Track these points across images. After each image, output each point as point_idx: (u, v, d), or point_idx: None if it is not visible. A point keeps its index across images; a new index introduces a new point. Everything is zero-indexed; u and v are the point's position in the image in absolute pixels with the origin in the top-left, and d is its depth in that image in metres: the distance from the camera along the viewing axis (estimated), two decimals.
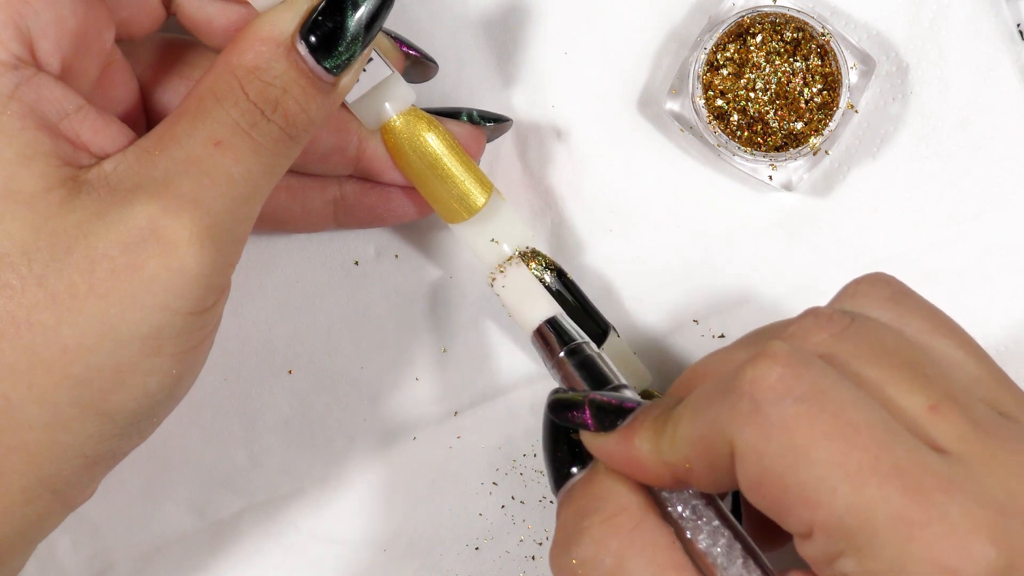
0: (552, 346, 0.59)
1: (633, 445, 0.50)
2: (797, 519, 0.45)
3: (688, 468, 0.48)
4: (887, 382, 0.47)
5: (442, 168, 0.61)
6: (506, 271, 0.61)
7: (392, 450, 0.66)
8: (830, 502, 0.44)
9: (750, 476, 0.46)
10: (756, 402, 0.45)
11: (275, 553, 0.66)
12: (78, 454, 0.51)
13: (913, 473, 0.44)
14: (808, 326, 0.49)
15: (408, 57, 0.61)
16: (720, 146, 0.63)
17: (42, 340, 0.49)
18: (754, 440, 0.45)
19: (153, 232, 0.49)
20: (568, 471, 0.53)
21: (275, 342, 0.66)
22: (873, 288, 0.51)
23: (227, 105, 0.52)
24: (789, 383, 0.45)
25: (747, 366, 0.46)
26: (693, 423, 0.48)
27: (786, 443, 0.45)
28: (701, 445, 0.48)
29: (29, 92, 0.50)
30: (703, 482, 0.49)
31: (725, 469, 0.47)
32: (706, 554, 0.49)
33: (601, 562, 0.49)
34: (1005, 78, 0.65)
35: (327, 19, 0.53)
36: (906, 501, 0.44)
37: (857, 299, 0.51)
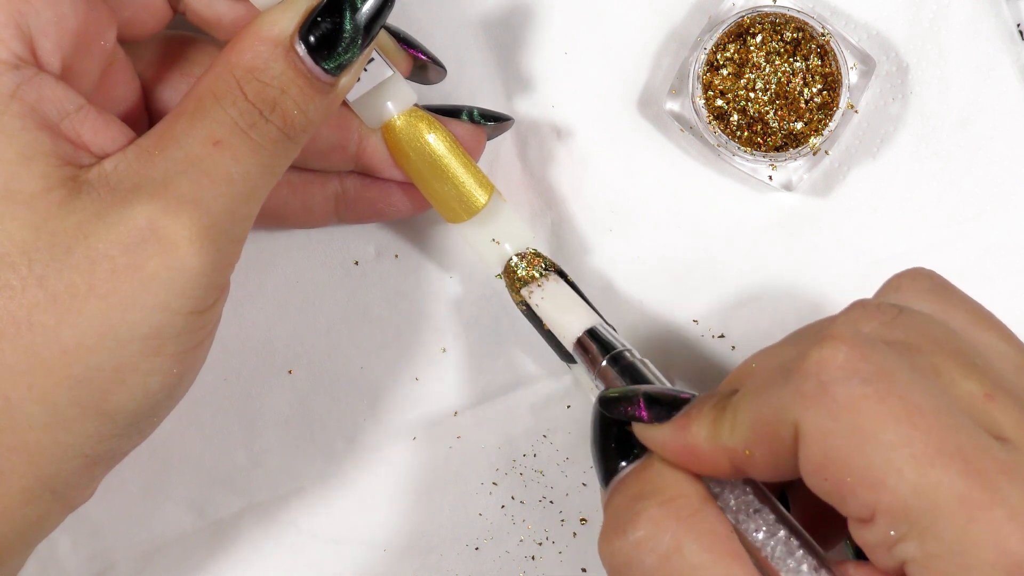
0: (594, 355, 0.59)
1: (690, 432, 0.50)
2: (860, 502, 0.45)
3: (748, 454, 0.48)
4: (941, 369, 0.47)
5: (443, 168, 0.61)
6: (544, 285, 0.61)
7: (392, 450, 0.66)
8: (895, 484, 0.44)
9: (814, 458, 0.46)
10: (823, 383, 0.45)
11: (275, 553, 0.66)
12: (78, 454, 0.51)
13: (976, 457, 0.44)
14: (857, 316, 0.49)
15: (416, 61, 0.61)
16: (720, 146, 0.63)
17: (42, 340, 0.49)
18: (820, 421, 0.45)
19: (153, 232, 0.49)
20: (618, 464, 0.53)
21: (275, 342, 0.66)
22: (915, 282, 0.51)
23: (226, 105, 0.52)
24: (856, 364, 0.45)
25: (813, 348, 0.46)
26: (755, 407, 0.48)
27: (853, 424, 0.45)
28: (763, 428, 0.47)
29: (30, 92, 0.50)
30: (762, 468, 0.48)
31: (786, 453, 0.47)
32: (761, 547, 0.49)
33: (659, 543, 0.48)
34: (1005, 78, 0.65)
35: (326, 20, 0.53)
36: (969, 484, 0.44)
37: (901, 293, 0.51)
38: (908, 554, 0.45)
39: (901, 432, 0.44)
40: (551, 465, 0.66)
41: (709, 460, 0.50)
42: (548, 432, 0.66)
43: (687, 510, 0.49)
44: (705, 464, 0.50)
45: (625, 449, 0.53)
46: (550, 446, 0.66)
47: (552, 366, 0.66)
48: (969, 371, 0.47)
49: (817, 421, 0.45)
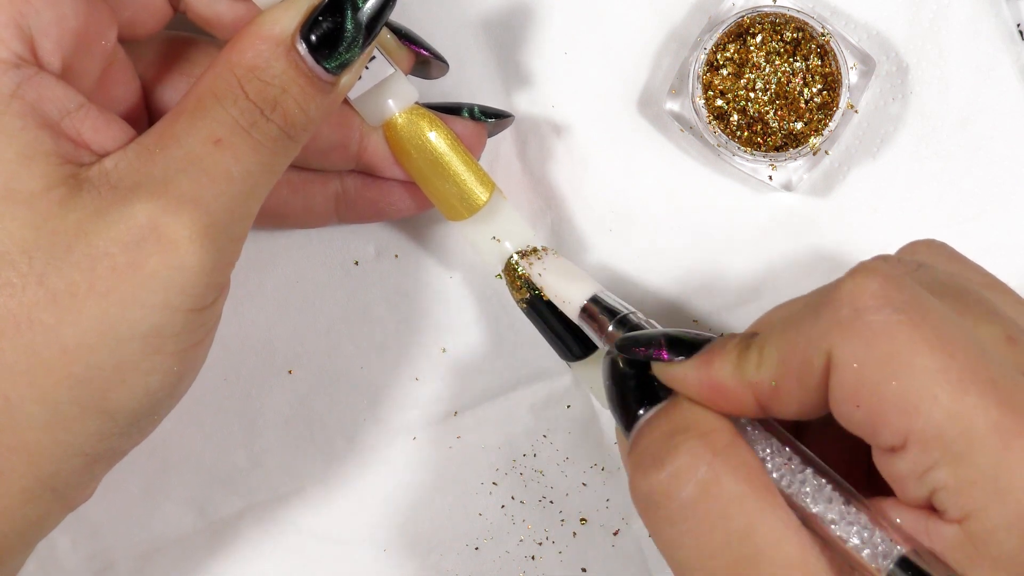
0: (601, 321, 0.59)
1: (714, 367, 0.50)
2: (892, 430, 0.45)
3: (775, 387, 0.48)
4: (965, 312, 0.47)
5: (444, 166, 0.61)
6: (544, 258, 0.61)
7: (392, 450, 0.66)
8: (930, 409, 0.44)
9: (846, 386, 0.46)
10: (857, 310, 0.46)
11: (275, 553, 0.66)
12: (78, 453, 0.51)
13: (1008, 388, 0.44)
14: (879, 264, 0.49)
15: (418, 57, 0.61)
16: (720, 146, 0.63)
17: (42, 339, 0.49)
18: (854, 347, 0.46)
19: (153, 230, 0.49)
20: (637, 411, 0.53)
21: (275, 342, 0.66)
22: (930, 248, 0.52)
23: (226, 104, 0.52)
24: (890, 293, 0.46)
25: (846, 279, 0.47)
26: (784, 339, 0.48)
27: (887, 350, 0.45)
28: (793, 359, 0.48)
29: (30, 91, 0.50)
30: (788, 402, 0.48)
31: (815, 385, 0.47)
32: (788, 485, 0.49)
33: (695, 473, 0.48)
34: (1005, 78, 0.65)
35: (327, 19, 0.53)
36: (1003, 412, 0.44)
37: (918, 256, 0.52)
38: (940, 481, 0.45)
39: (936, 359, 0.45)
40: (551, 465, 0.66)
41: (733, 396, 0.50)
42: (548, 432, 0.66)
43: (722, 443, 0.49)
44: (729, 400, 0.50)
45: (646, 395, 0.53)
46: (550, 446, 0.66)
47: (552, 366, 0.66)
48: (991, 316, 0.47)
49: (851, 348, 0.46)
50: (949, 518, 0.45)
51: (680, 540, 0.48)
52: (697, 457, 0.49)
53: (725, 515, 0.48)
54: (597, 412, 0.66)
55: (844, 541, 0.48)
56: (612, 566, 0.66)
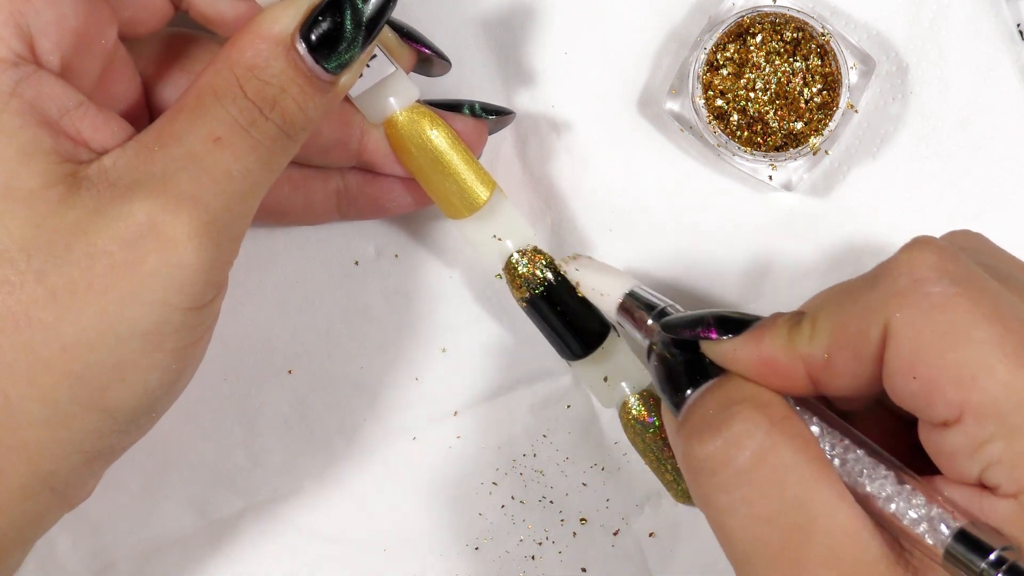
0: (639, 316, 0.59)
1: (765, 343, 0.51)
2: (948, 402, 0.46)
3: (827, 360, 0.49)
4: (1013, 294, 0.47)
5: (445, 164, 0.61)
6: (577, 257, 0.62)
7: (392, 450, 0.66)
8: (987, 381, 0.45)
9: (903, 356, 0.46)
10: (916, 280, 0.46)
11: (275, 553, 0.66)
12: (77, 451, 0.51)
13: None
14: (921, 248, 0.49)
15: (420, 55, 0.61)
16: (720, 146, 0.63)
17: (41, 337, 0.49)
18: (912, 318, 0.46)
19: (152, 228, 0.49)
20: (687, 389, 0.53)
21: (275, 342, 0.66)
22: (964, 237, 0.53)
23: (226, 102, 0.52)
24: (948, 265, 0.46)
25: (903, 251, 0.47)
26: (838, 312, 0.49)
27: (947, 321, 0.45)
28: (847, 331, 0.48)
29: (29, 89, 0.50)
30: (842, 376, 0.49)
31: (870, 356, 0.47)
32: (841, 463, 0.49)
33: (752, 440, 0.48)
34: (1005, 78, 0.65)
35: (327, 19, 0.53)
36: None
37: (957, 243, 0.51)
38: (994, 456, 0.45)
39: (994, 331, 0.45)
40: (551, 465, 0.66)
41: (785, 370, 0.50)
42: (548, 432, 0.66)
43: (779, 414, 0.49)
44: (780, 375, 0.50)
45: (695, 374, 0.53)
46: (550, 446, 0.66)
47: (552, 366, 0.66)
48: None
49: (910, 318, 0.46)
50: (1003, 492, 0.46)
51: (734, 507, 0.49)
52: (755, 425, 0.49)
53: (781, 483, 0.48)
54: (597, 412, 0.66)
55: (900, 518, 0.48)
56: (612, 566, 0.66)
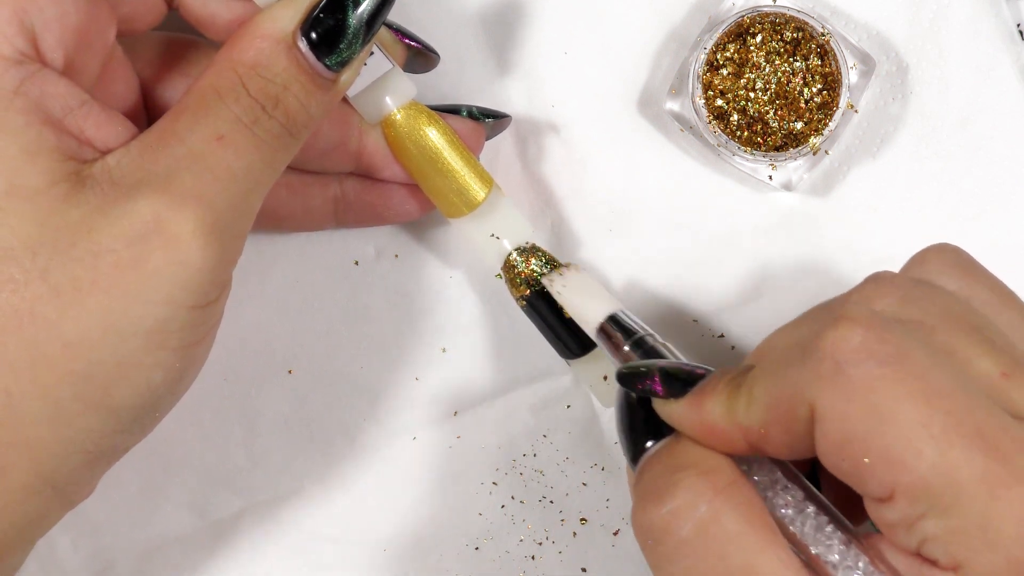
0: (617, 341, 0.59)
1: (705, 409, 0.50)
2: (879, 482, 0.45)
3: (763, 432, 0.48)
4: (958, 347, 0.47)
5: (443, 162, 0.61)
6: (564, 273, 0.61)
7: (392, 450, 0.66)
8: (915, 463, 0.44)
9: (831, 438, 0.46)
10: (839, 364, 0.45)
11: (275, 553, 0.66)
12: (79, 450, 0.51)
13: (995, 436, 0.44)
14: (871, 293, 0.49)
15: (409, 49, 0.61)
16: (720, 146, 0.64)
17: (45, 335, 0.49)
18: (837, 402, 0.45)
19: (157, 226, 0.49)
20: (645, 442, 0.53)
21: (275, 342, 0.66)
22: (941, 256, 0.51)
23: (228, 101, 0.52)
24: (872, 346, 0.45)
25: (828, 329, 0.46)
26: (771, 386, 0.48)
27: (870, 405, 0.45)
28: (779, 408, 0.47)
29: (33, 87, 0.50)
30: (778, 446, 0.48)
31: (802, 433, 0.47)
32: (790, 523, 0.49)
33: (696, 510, 0.48)
34: (1005, 78, 0.65)
35: (328, 16, 0.53)
36: (990, 462, 0.44)
37: (926, 266, 0.51)
38: (929, 532, 0.45)
39: (919, 412, 0.44)
40: (551, 465, 0.66)
41: (725, 437, 0.50)
42: (548, 432, 0.66)
43: (723, 481, 0.49)
44: (722, 440, 0.50)
45: (653, 428, 0.53)
46: (550, 446, 0.66)
47: (552, 366, 0.66)
48: (986, 349, 0.47)
49: (833, 402, 0.45)
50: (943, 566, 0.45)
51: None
52: (697, 495, 0.48)
53: (724, 555, 0.47)
54: (597, 412, 0.66)
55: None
56: (612, 566, 0.66)
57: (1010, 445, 0.44)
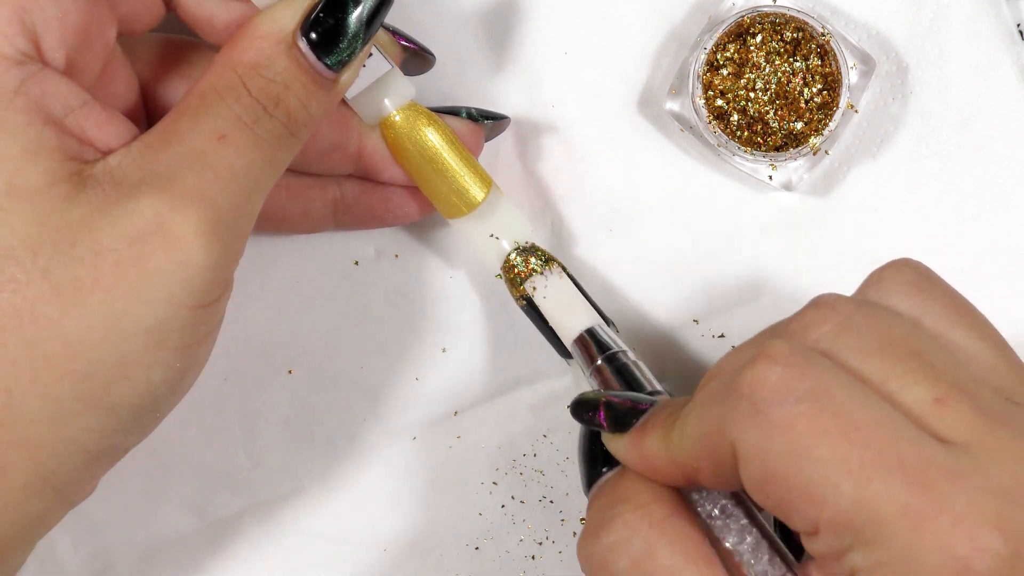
0: (591, 354, 0.59)
1: (645, 445, 0.51)
2: (802, 517, 0.45)
3: (695, 468, 0.48)
4: (891, 375, 0.46)
5: (441, 162, 0.61)
6: (548, 278, 0.61)
7: (392, 450, 0.66)
8: (834, 499, 0.44)
9: (753, 476, 0.46)
10: (756, 403, 0.45)
11: (275, 553, 0.66)
12: (80, 449, 0.51)
13: (918, 466, 0.44)
14: (809, 321, 0.48)
15: (406, 50, 0.61)
16: (720, 146, 0.64)
17: (46, 334, 0.49)
18: (756, 441, 0.45)
19: (158, 226, 0.49)
20: (600, 470, 0.53)
21: (275, 342, 0.66)
22: (897, 274, 0.51)
23: (229, 101, 0.52)
24: (789, 383, 0.45)
25: (746, 367, 0.46)
26: (698, 423, 0.48)
27: (788, 443, 0.45)
28: (705, 445, 0.48)
29: (34, 87, 0.50)
30: (711, 481, 0.49)
31: (729, 469, 0.47)
32: (733, 552, 0.49)
33: (630, 546, 0.48)
34: (1005, 78, 0.65)
35: (328, 16, 0.54)
36: (912, 494, 0.44)
37: (881, 285, 0.50)
38: (856, 564, 0.45)
39: (837, 448, 0.44)
40: (551, 465, 0.66)
41: (664, 472, 0.50)
42: (548, 432, 0.66)
43: (659, 515, 0.49)
44: (662, 475, 0.50)
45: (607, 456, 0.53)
46: (550, 446, 0.66)
47: (552, 366, 0.66)
48: (922, 375, 0.46)
49: (753, 442, 0.45)
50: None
51: None
52: (633, 530, 0.49)
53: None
54: None
55: None
56: None
57: (934, 475, 0.44)
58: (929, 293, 0.50)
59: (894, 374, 0.46)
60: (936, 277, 0.51)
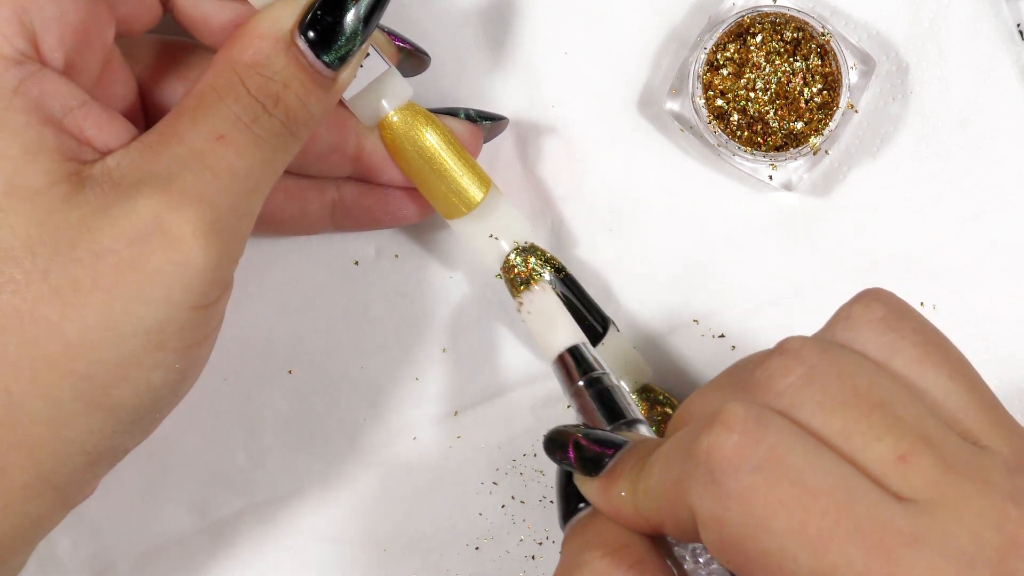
0: (572, 374, 0.59)
1: (611, 493, 0.50)
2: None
3: (659, 522, 0.48)
4: (854, 431, 0.45)
5: (440, 163, 0.61)
6: (533, 294, 0.61)
7: (392, 450, 0.66)
8: (793, 570, 0.44)
9: (712, 542, 0.45)
10: (712, 472, 0.45)
11: (275, 553, 0.66)
12: (80, 451, 0.51)
13: (876, 532, 0.43)
14: (773, 371, 0.47)
15: (401, 51, 0.61)
16: (720, 146, 0.64)
17: (45, 335, 0.49)
18: (713, 510, 0.45)
19: (157, 226, 0.49)
20: (576, 506, 0.52)
21: (275, 342, 0.66)
22: (867, 310, 0.49)
23: (228, 100, 0.52)
24: (745, 452, 0.44)
25: (703, 433, 0.45)
26: (660, 480, 0.48)
27: (744, 513, 0.44)
28: (666, 504, 0.47)
29: (33, 87, 0.50)
30: (677, 536, 0.48)
31: (692, 529, 0.46)
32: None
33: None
34: (1005, 78, 0.65)
35: (326, 14, 0.54)
36: (870, 561, 0.43)
37: (850, 323, 0.49)
38: None
39: (794, 518, 0.44)
40: (551, 465, 0.65)
41: (631, 521, 0.49)
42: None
43: (630, 560, 0.48)
44: (629, 523, 0.50)
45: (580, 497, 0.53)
46: None
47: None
48: (886, 430, 0.45)
49: (711, 509, 0.45)
50: None
51: None
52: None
53: None
54: None
55: None
56: None
57: (892, 540, 0.43)
58: (899, 331, 0.48)
59: (857, 431, 0.45)
60: (907, 310, 0.49)
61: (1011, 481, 0.45)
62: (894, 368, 0.47)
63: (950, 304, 0.65)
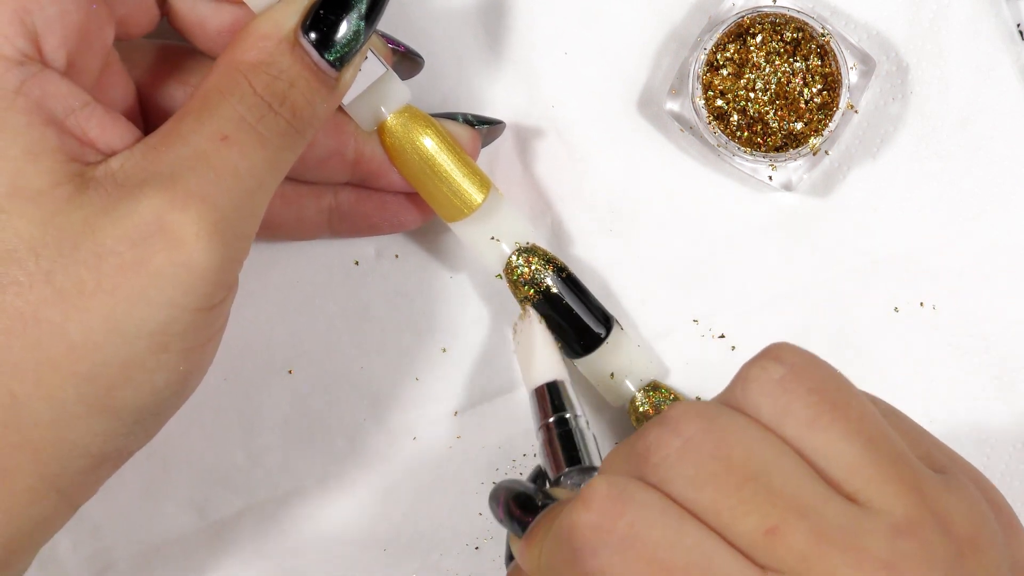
0: (545, 410, 0.59)
1: (529, 556, 0.51)
2: None
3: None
4: (723, 506, 0.45)
5: (440, 166, 0.61)
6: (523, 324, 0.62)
7: (392, 450, 0.66)
8: None
9: None
10: (574, 551, 0.45)
11: (275, 553, 0.66)
12: (84, 453, 0.51)
13: None
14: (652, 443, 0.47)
15: (395, 53, 0.61)
16: (720, 146, 0.64)
17: (49, 337, 0.49)
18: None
19: (160, 227, 0.49)
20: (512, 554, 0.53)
21: (275, 342, 0.66)
22: (763, 372, 0.47)
23: (233, 100, 0.52)
24: (603, 532, 0.45)
25: (567, 511, 0.46)
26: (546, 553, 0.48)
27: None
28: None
29: (35, 88, 0.50)
30: None
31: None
32: None
33: None
34: (1005, 78, 0.65)
35: (329, 13, 0.54)
36: None
37: (746, 385, 0.48)
38: None
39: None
40: None
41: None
42: None
43: None
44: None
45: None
46: None
47: None
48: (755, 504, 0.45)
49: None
50: None
51: None
52: None
53: None
54: (598, 410, 0.66)
55: None
56: None
57: None
58: (793, 393, 0.47)
59: (726, 505, 0.45)
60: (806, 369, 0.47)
61: (892, 545, 0.44)
62: (784, 432, 0.47)
63: (950, 304, 0.65)
